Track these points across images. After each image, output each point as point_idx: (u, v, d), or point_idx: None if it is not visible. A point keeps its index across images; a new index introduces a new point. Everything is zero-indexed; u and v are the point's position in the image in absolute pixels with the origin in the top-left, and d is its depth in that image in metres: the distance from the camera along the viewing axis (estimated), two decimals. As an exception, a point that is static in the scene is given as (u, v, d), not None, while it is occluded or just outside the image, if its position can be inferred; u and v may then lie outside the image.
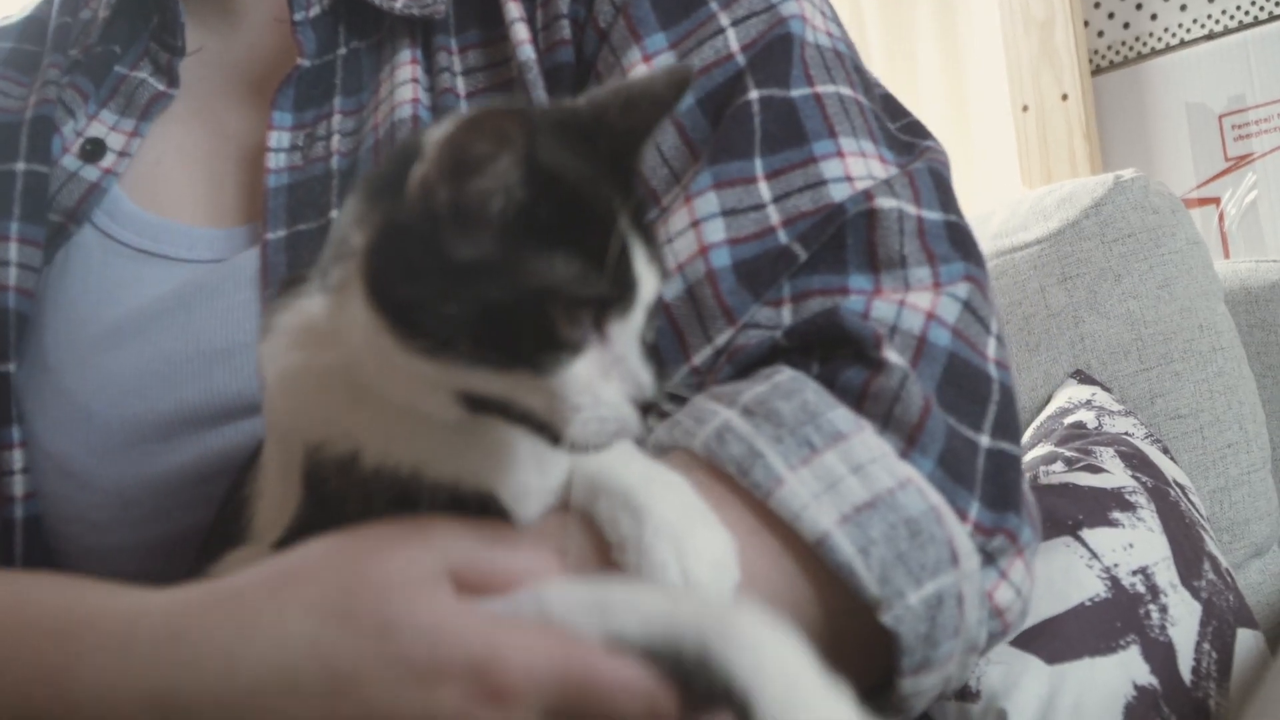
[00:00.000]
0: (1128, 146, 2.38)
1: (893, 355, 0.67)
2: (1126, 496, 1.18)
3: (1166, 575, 1.12)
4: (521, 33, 0.86)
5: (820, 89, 0.79)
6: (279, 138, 0.90)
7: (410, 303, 0.52)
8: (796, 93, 0.78)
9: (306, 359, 0.60)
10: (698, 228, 0.74)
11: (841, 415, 0.65)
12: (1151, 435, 1.41)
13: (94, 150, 0.95)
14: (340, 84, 0.91)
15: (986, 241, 1.62)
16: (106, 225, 0.92)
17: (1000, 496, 0.68)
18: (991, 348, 0.72)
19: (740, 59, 0.80)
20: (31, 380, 0.87)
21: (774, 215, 0.74)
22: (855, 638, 0.63)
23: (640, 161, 0.59)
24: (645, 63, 0.82)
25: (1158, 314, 1.50)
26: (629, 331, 0.54)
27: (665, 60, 0.82)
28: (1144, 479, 1.23)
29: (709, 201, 0.75)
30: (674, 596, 0.56)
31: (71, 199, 0.92)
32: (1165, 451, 1.39)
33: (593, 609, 0.55)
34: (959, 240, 0.76)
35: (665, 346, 0.74)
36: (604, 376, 0.53)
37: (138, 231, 0.92)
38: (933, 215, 0.76)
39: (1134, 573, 1.11)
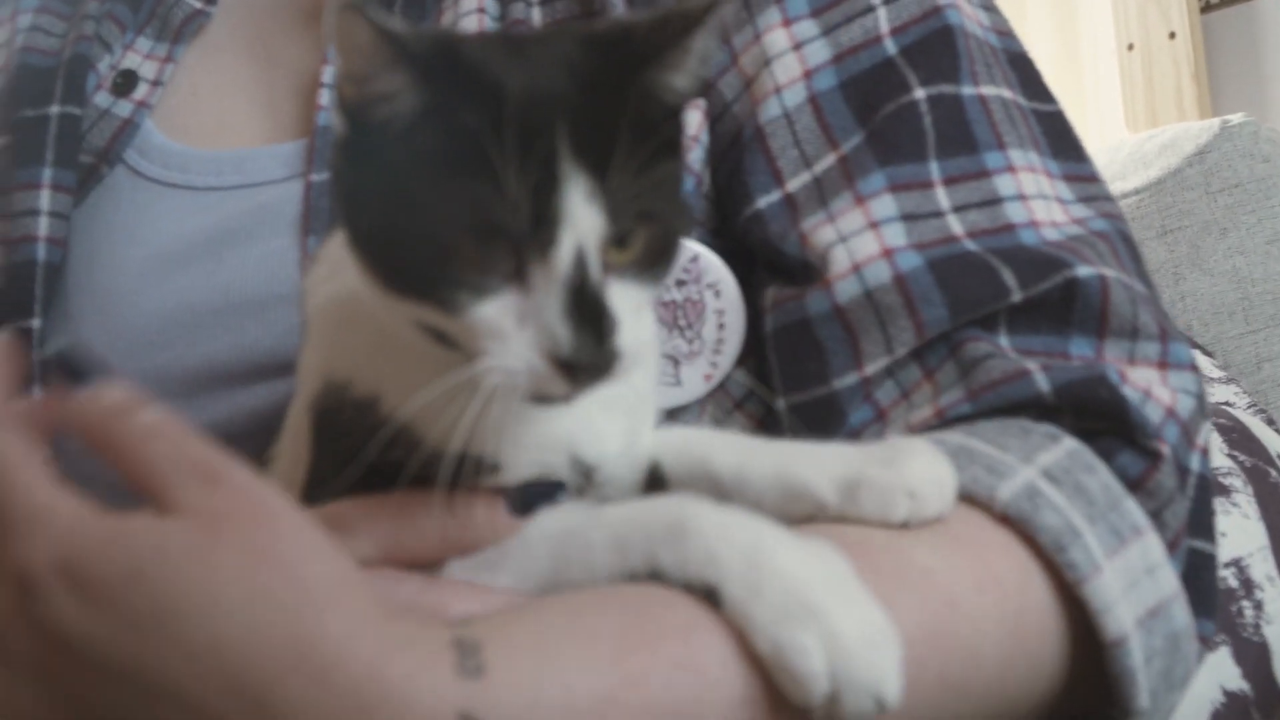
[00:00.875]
0: (1238, 89, 2.33)
1: (1169, 448, 0.64)
2: (1220, 479, 1.12)
3: (1263, 568, 1.05)
4: None
5: (985, 90, 0.76)
6: (333, 71, 0.85)
7: (349, 222, 0.52)
8: (965, 91, 0.75)
9: (341, 289, 0.58)
10: (877, 230, 0.72)
11: (1135, 507, 0.63)
12: (1255, 405, 1.34)
13: (125, 83, 0.92)
14: (400, 12, 0.87)
15: (1079, 191, 1.54)
16: (136, 162, 0.90)
17: (1200, 601, 0.66)
18: (1199, 438, 0.69)
19: (890, 44, 0.76)
20: (54, 330, 0.85)
21: (955, 225, 0.71)
22: (1075, 711, 0.63)
23: (664, 90, 0.54)
24: (785, 28, 0.78)
25: (1266, 271, 1.45)
26: (553, 278, 0.49)
27: (810, 30, 0.77)
28: (1242, 458, 1.16)
29: (885, 204, 0.72)
30: (616, 518, 0.55)
31: (103, 138, 0.89)
32: (1270, 423, 1.32)
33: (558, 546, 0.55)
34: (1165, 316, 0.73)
35: (836, 351, 0.71)
36: (519, 324, 0.49)
37: (164, 164, 0.89)
38: (1139, 287, 0.72)
39: (1226, 566, 1.04)
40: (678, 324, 0.76)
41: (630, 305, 0.51)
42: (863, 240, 0.72)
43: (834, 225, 0.73)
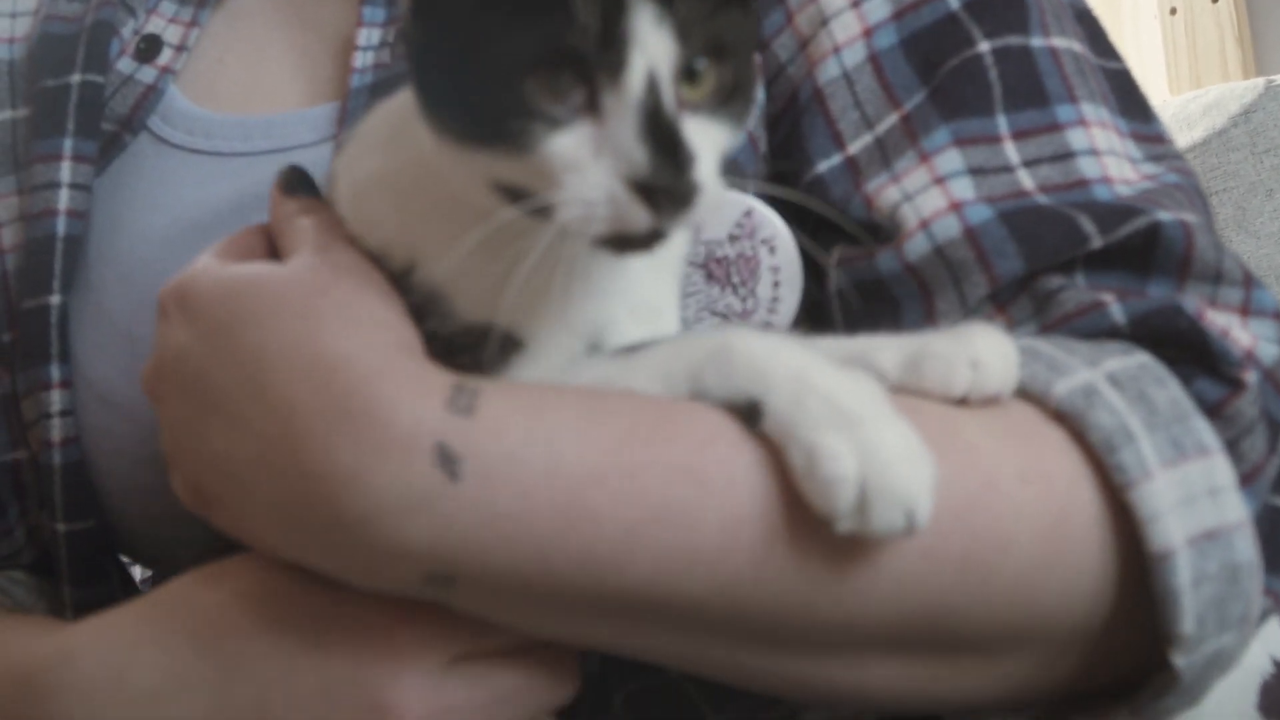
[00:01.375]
0: None
1: (1253, 380, 0.62)
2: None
3: None
4: None
5: (1056, 42, 0.72)
6: (369, 34, 0.84)
7: (420, 81, 0.53)
8: (1036, 42, 0.72)
9: (383, 163, 0.58)
10: (943, 185, 0.69)
11: (1206, 427, 0.59)
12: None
13: (149, 48, 0.89)
14: None
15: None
16: (160, 128, 0.87)
17: (1274, 558, 0.62)
18: None
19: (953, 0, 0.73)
20: (76, 302, 0.83)
21: (1026, 180, 0.68)
22: (1115, 649, 0.60)
23: None
24: None
25: (1314, 233, 1.44)
26: (626, 103, 0.49)
27: None
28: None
29: (951, 158, 0.69)
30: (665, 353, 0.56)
31: (126, 105, 0.87)
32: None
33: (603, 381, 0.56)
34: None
35: (910, 309, 0.69)
36: (595, 155, 0.49)
37: (189, 130, 0.86)
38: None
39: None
40: (730, 281, 0.74)
41: (708, 143, 0.51)
42: (929, 196, 0.69)
43: (899, 185, 0.71)
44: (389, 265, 0.57)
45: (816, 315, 0.75)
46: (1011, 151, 0.69)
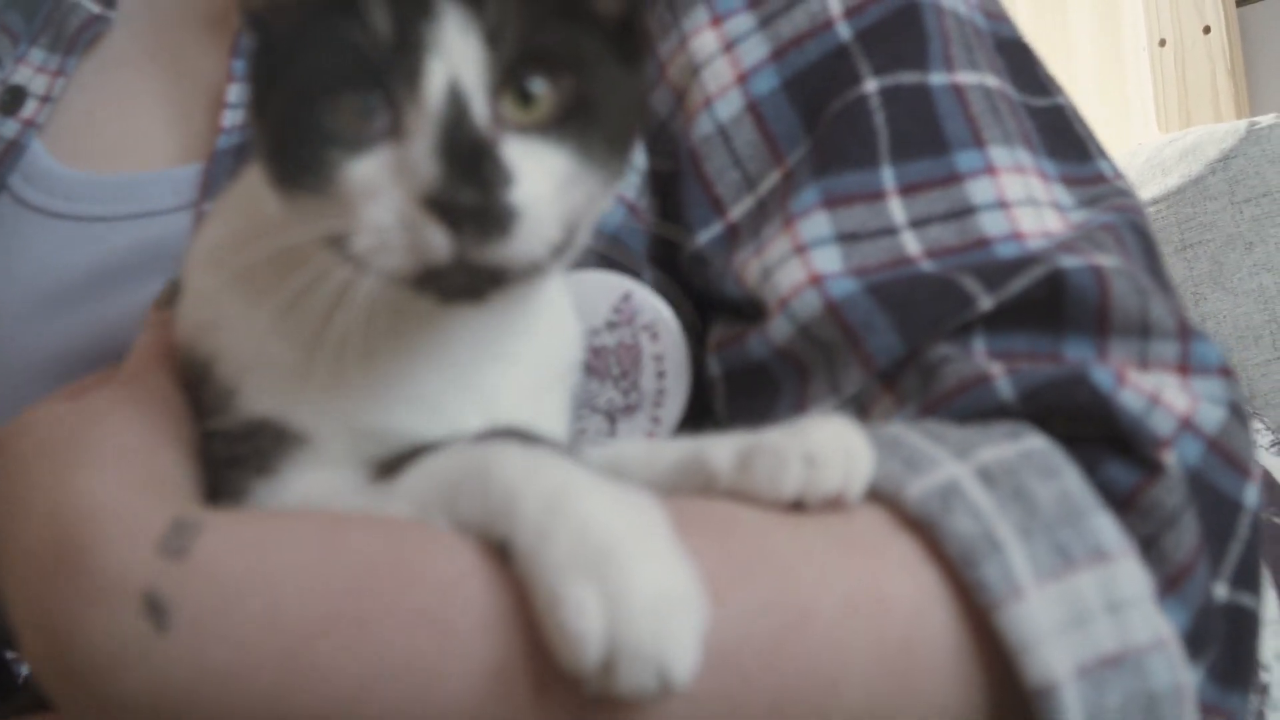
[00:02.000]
0: (1279, 87, 2.23)
1: (1173, 462, 0.55)
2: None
3: (1273, 644, 0.95)
4: None
5: (962, 78, 0.65)
6: (239, 91, 0.79)
7: (258, 129, 0.50)
8: (935, 79, 0.65)
9: (219, 233, 0.56)
10: (804, 255, 0.63)
11: (1107, 525, 0.52)
12: (1280, 442, 1.25)
13: (12, 100, 0.85)
14: None
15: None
16: (20, 189, 0.83)
17: (1232, 670, 0.56)
18: (1252, 465, 0.60)
19: (843, 29, 0.67)
20: None
21: (910, 244, 0.62)
22: None
23: None
24: (714, 27, 0.69)
25: (1298, 291, 1.37)
26: (424, 115, 0.46)
27: (743, 25, 0.69)
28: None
29: (816, 223, 0.63)
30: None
31: None
32: (1299, 462, 1.24)
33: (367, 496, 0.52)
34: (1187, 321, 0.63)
35: (787, 394, 0.63)
36: (394, 178, 0.46)
37: (50, 191, 0.82)
38: (1148, 281, 0.62)
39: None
40: (610, 373, 0.67)
41: (539, 168, 0.47)
42: (788, 269, 0.62)
43: (760, 257, 0.63)
44: (194, 357, 0.55)
45: (707, 404, 0.68)
46: (896, 210, 0.62)
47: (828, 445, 0.51)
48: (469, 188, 0.45)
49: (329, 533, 0.48)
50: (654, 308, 0.67)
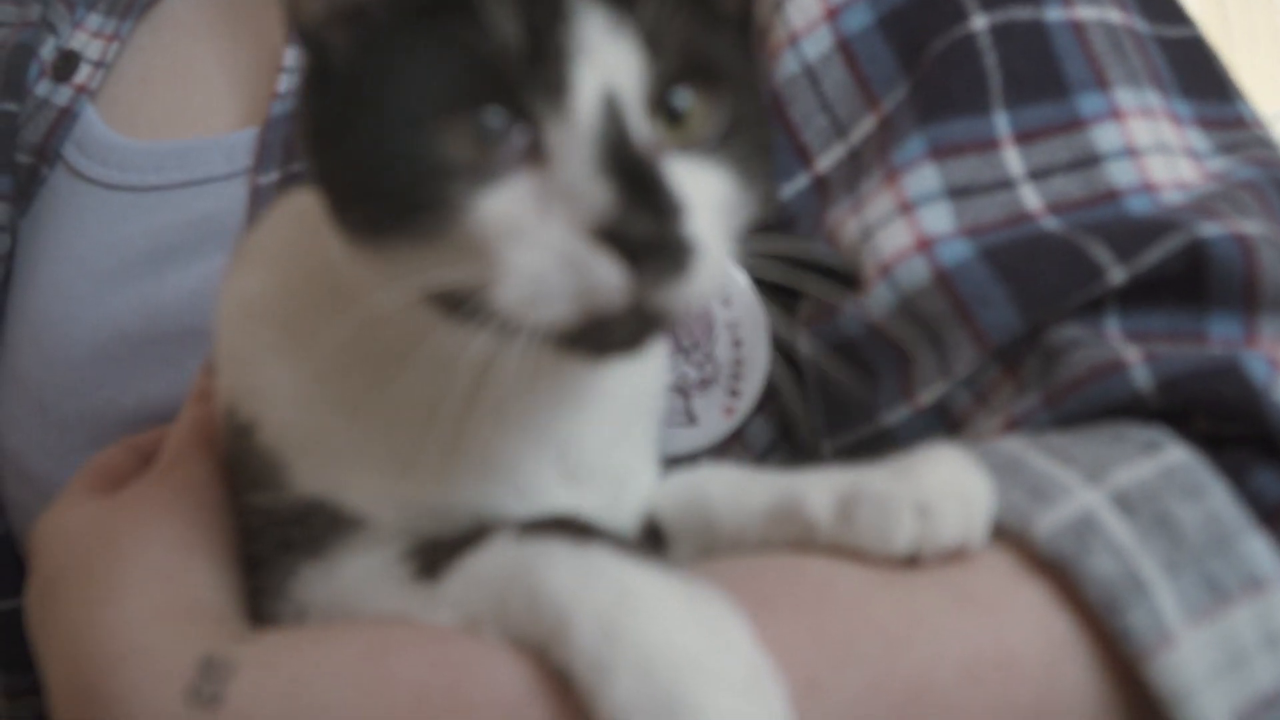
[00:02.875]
0: None
1: None
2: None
3: None
4: None
5: (1081, 13, 0.59)
6: (296, 54, 0.75)
7: (324, 163, 0.43)
8: (1050, 16, 0.59)
9: (264, 283, 0.51)
10: (910, 213, 0.57)
11: (1260, 549, 0.47)
12: None
13: (66, 65, 0.82)
14: None
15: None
16: (75, 159, 0.80)
17: None
18: None
19: None
20: None
21: (1030, 198, 0.56)
22: None
23: None
24: None
25: None
26: (576, 131, 0.39)
27: None
28: None
29: (923, 176, 0.57)
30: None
31: (39, 132, 0.80)
32: None
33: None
34: None
35: (886, 379, 0.58)
36: (542, 212, 0.39)
37: (104, 160, 0.79)
38: None
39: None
40: (681, 346, 0.62)
41: (703, 193, 0.41)
42: (892, 230, 0.56)
43: (859, 215, 0.58)
44: (236, 424, 0.51)
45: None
46: (1012, 160, 0.56)
47: (942, 489, 0.45)
48: (645, 214, 0.39)
49: (374, 661, 0.44)
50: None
